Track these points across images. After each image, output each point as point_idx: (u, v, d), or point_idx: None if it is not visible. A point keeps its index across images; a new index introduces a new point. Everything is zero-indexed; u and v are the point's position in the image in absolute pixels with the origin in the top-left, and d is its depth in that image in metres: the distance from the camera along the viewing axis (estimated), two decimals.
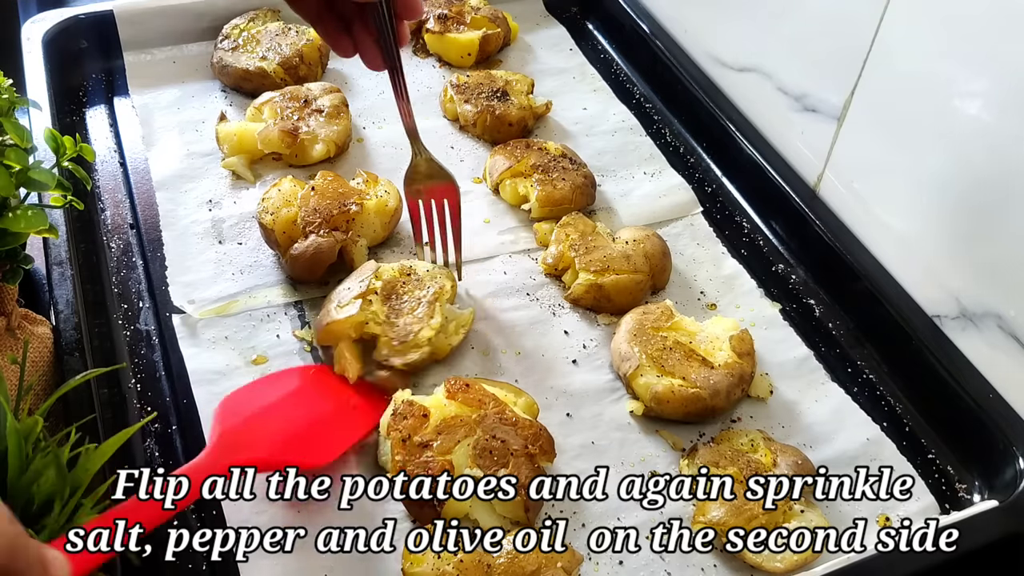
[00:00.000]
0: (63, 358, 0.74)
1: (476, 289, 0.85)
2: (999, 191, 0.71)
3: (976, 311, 0.76)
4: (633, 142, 1.04)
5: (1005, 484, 0.70)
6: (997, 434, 0.72)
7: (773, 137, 0.98)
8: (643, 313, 0.79)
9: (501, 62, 1.15)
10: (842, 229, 0.89)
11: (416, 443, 0.67)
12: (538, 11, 1.24)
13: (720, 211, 0.97)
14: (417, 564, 0.61)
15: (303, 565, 0.64)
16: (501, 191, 0.95)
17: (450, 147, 1.01)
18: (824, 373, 0.80)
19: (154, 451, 0.70)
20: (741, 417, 0.76)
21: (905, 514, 0.70)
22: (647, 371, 0.75)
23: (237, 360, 0.77)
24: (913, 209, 0.81)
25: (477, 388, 0.70)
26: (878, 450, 0.74)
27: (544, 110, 1.05)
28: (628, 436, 0.74)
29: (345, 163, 0.98)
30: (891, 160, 0.82)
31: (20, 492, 0.52)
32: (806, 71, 0.92)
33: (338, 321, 0.74)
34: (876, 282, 0.83)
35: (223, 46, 1.07)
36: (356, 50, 0.73)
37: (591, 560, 0.66)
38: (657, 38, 1.12)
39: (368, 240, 0.86)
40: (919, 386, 0.79)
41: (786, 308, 0.86)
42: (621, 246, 0.85)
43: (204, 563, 0.64)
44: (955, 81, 0.73)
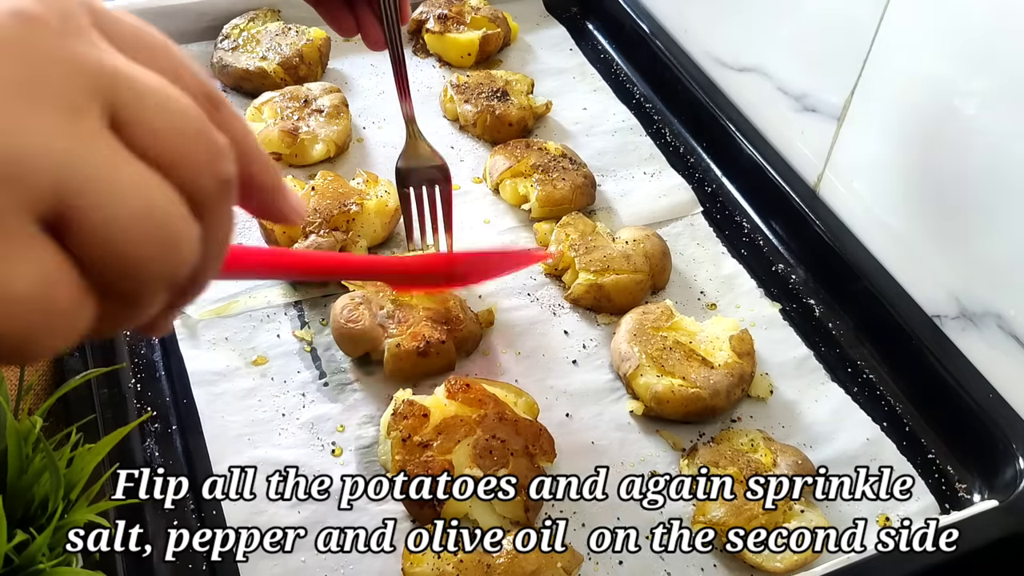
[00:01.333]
0: (63, 358, 0.74)
1: (476, 289, 0.85)
2: (999, 191, 0.71)
3: (976, 311, 0.76)
4: (633, 142, 1.04)
5: (1005, 484, 0.70)
6: (997, 434, 0.72)
7: (773, 137, 0.98)
8: (643, 313, 0.79)
9: (501, 62, 1.15)
10: (842, 229, 0.89)
11: (416, 443, 0.67)
12: (538, 11, 1.24)
13: (720, 211, 0.97)
14: (417, 564, 0.61)
15: (303, 565, 0.64)
16: (501, 191, 0.95)
17: (450, 147, 1.01)
18: (824, 373, 0.80)
19: (154, 451, 0.70)
20: (741, 417, 0.77)
21: (905, 514, 0.70)
22: (647, 371, 0.75)
23: (237, 361, 0.77)
24: (914, 209, 0.81)
25: (477, 388, 0.70)
26: (878, 450, 0.74)
27: (544, 110, 1.05)
28: (628, 436, 0.74)
29: (345, 163, 0.98)
30: (891, 160, 0.82)
31: (20, 492, 0.52)
32: (806, 71, 0.92)
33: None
34: (876, 282, 0.83)
35: (223, 46, 1.07)
36: (358, 29, 0.73)
37: (591, 560, 0.66)
38: (657, 38, 1.12)
39: (368, 240, 0.86)
40: (919, 386, 0.78)
41: (786, 308, 0.86)
42: (621, 246, 0.85)
43: (204, 563, 0.64)
44: (955, 81, 0.73)
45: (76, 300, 0.25)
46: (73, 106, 0.24)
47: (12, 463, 0.51)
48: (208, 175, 0.27)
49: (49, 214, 0.24)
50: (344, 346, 0.77)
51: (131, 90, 0.26)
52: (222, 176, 0.28)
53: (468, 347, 0.79)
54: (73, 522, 0.52)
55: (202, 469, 0.69)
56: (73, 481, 0.53)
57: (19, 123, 0.23)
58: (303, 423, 0.73)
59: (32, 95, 0.23)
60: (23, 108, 0.23)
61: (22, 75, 0.23)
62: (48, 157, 0.23)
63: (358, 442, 0.72)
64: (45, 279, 0.24)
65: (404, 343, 0.75)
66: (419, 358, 0.75)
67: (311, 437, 0.72)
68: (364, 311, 0.76)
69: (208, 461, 0.69)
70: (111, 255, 0.25)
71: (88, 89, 0.25)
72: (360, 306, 0.77)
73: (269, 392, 0.75)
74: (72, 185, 0.24)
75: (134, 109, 0.26)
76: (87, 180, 0.24)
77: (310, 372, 0.77)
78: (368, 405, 0.75)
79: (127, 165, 0.25)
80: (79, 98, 0.24)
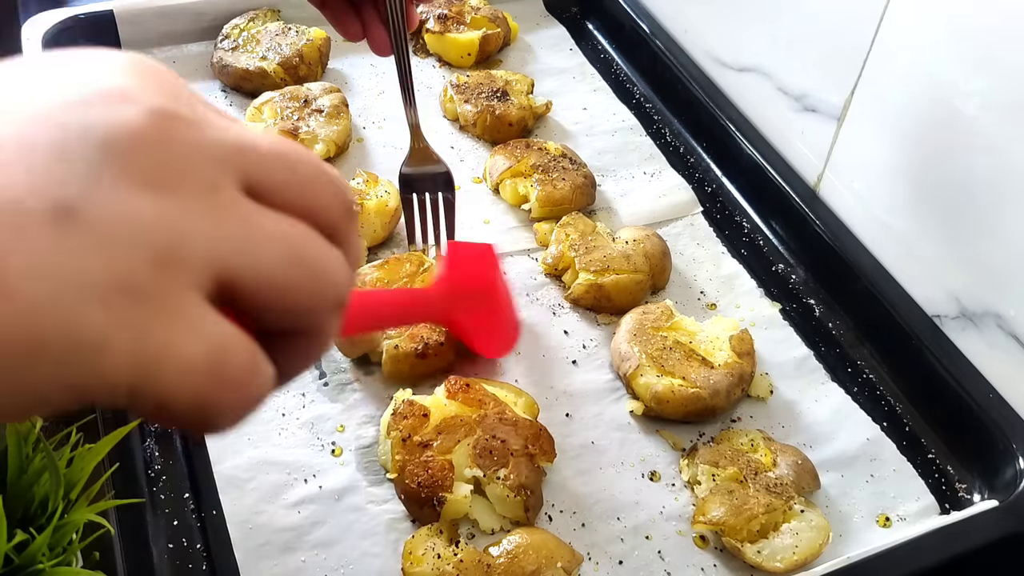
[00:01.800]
0: None
1: None
2: (999, 191, 0.71)
3: (976, 311, 0.76)
4: (633, 142, 1.04)
5: (1005, 484, 0.70)
6: (997, 434, 0.72)
7: (773, 137, 0.98)
8: (643, 313, 0.79)
9: (501, 62, 1.15)
10: (842, 229, 0.89)
11: (416, 443, 0.67)
12: (538, 11, 1.24)
13: (720, 211, 0.97)
14: (417, 564, 0.61)
15: (303, 565, 0.64)
16: (501, 191, 0.95)
17: (450, 147, 1.01)
18: (824, 373, 0.80)
19: (154, 451, 0.70)
20: (741, 417, 0.76)
21: (905, 514, 0.70)
22: (647, 371, 0.75)
23: None
24: (914, 209, 0.81)
25: (477, 388, 0.70)
26: (878, 450, 0.74)
27: (544, 110, 1.05)
28: (628, 436, 0.74)
29: (345, 163, 0.98)
30: (891, 160, 0.82)
31: (20, 492, 0.52)
32: (806, 71, 0.92)
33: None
34: (876, 282, 0.83)
35: (223, 46, 1.07)
36: (364, 34, 0.73)
37: (591, 560, 0.66)
38: (657, 38, 1.12)
39: (368, 240, 0.86)
40: (919, 386, 0.78)
41: (786, 308, 0.86)
42: (621, 246, 0.85)
43: (204, 563, 0.64)
44: (955, 81, 0.73)
45: (249, 365, 0.28)
46: (212, 185, 0.27)
47: (12, 463, 0.51)
48: (335, 206, 0.31)
49: (214, 288, 0.27)
50: (342, 347, 0.77)
51: (254, 154, 0.29)
52: (346, 203, 0.32)
53: (468, 349, 0.78)
54: (73, 522, 0.52)
55: (202, 469, 0.69)
56: (73, 481, 0.53)
57: (171, 211, 0.26)
58: (303, 423, 0.73)
59: (178, 184, 0.26)
60: (172, 197, 0.26)
61: (168, 167, 0.26)
62: (199, 235, 0.26)
63: (358, 442, 0.72)
64: (212, 347, 0.26)
65: (402, 345, 0.75)
66: (417, 360, 0.74)
67: (311, 437, 0.72)
68: None
69: (208, 461, 0.69)
70: (274, 299, 0.28)
71: (221, 168, 0.28)
72: None
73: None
74: (224, 251, 0.27)
75: (261, 172, 0.29)
76: (236, 242, 0.27)
77: (310, 372, 0.77)
78: (368, 405, 0.75)
79: (266, 218, 0.28)
80: (216, 177, 0.27)
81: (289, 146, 0.31)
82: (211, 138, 0.28)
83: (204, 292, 0.26)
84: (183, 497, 0.67)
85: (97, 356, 0.24)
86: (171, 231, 0.26)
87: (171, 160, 0.27)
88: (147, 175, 0.26)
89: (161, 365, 0.25)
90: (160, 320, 0.25)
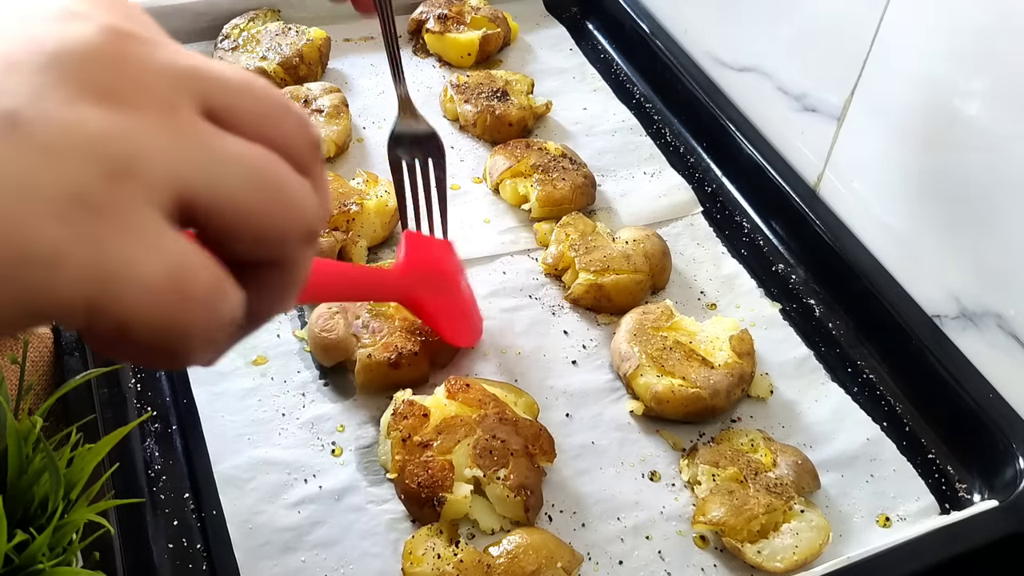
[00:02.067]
0: (63, 358, 0.74)
1: (476, 289, 0.85)
2: (999, 191, 0.71)
3: (976, 311, 0.76)
4: (633, 142, 1.04)
5: (1005, 484, 0.70)
6: (997, 434, 0.72)
7: (773, 137, 0.98)
8: (643, 313, 0.79)
9: (501, 62, 1.15)
10: (842, 229, 0.89)
11: (416, 443, 0.67)
12: (538, 11, 1.24)
13: (720, 211, 0.97)
14: (417, 564, 0.61)
15: (303, 565, 0.64)
16: (501, 191, 0.95)
17: (450, 147, 1.01)
18: (824, 373, 0.80)
19: (154, 451, 0.70)
20: (741, 417, 0.77)
21: (905, 514, 0.70)
22: (647, 371, 0.75)
23: (237, 360, 0.77)
24: (914, 209, 0.81)
25: (477, 388, 0.70)
26: (878, 450, 0.74)
27: (544, 110, 1.05)
28: (628, 436, 0.74)
29: (345, 163, 0.98)
30: (891, 160, 0.82)
31: (20, 492, 0.52)
32: (806, 71, 0.92)
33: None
34: (876, 282, 0.83)
35: (223, 46, 1.07)
36: None
37: (591, 560, 0.66)
38: (657, 38, 1.12)
39: (368, 240, 0.86)
40: (919, 386, 0.79)
41: (786, 308, 0.86)
42: (621, 246, 0.85)
43: (204, 563, 0.64)
44: (955, 81, 0.73)
45: (213, 285, 0.26)
46: (169, 104, 0.26)
47: (12, 463, 0.51)
48: (300, 138, 0.30)
49: (175, 209, 0.26)
50: (319, 355, 0.76)
51: (216, 81, 0.28)
52: (312, 138, 0.31)
53: (443, 359, 0.77)
54: (73, 522, 0.52)
55: (202, 469, 0.69)
56: (73, 481, 0.53)
57: (125, 126, 0.25)
58: (303, 423, 0.73)
59: (132, 100, 0.25)
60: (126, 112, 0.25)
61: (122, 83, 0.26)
62: (156, 152, 0.25)
63: (358, 442, 0.72)
64: (173, 265, 0.25)
65: (376, 354, 0.74)
66: (390, 369, 0.74)
67: (311, 437, 0.72)
68: (339, 320, 0.76)
69: (208, 461, 0.69)
70: (239, 223, 0.27)
71: (179, 88, 0.27)
72: (336, 315, 0.76)
73: (269, 392, 0.75)
74: (184, 170, 0.26)
75: (222, 97, 0.28)
76: (196, 162, 0.26)
77: (310, 372, 0.77)
78: (368, 405, 0.75)
79: (228, 141, 0.27)
80: (173, 97, 0.26)
81: (253, 77, 0.29)
82: (167, 58, 0.27)
83: (164, 211, 0.25)
84: (183, 497, 0.67)
85: (50, 271, 0.23)
86: (125, 144, 0.25)
87: (125, 76, 0.26)
88: (100, 90, 0.25)
89: (121, 282, 0.24)
90: (117, 235, 0.24)
